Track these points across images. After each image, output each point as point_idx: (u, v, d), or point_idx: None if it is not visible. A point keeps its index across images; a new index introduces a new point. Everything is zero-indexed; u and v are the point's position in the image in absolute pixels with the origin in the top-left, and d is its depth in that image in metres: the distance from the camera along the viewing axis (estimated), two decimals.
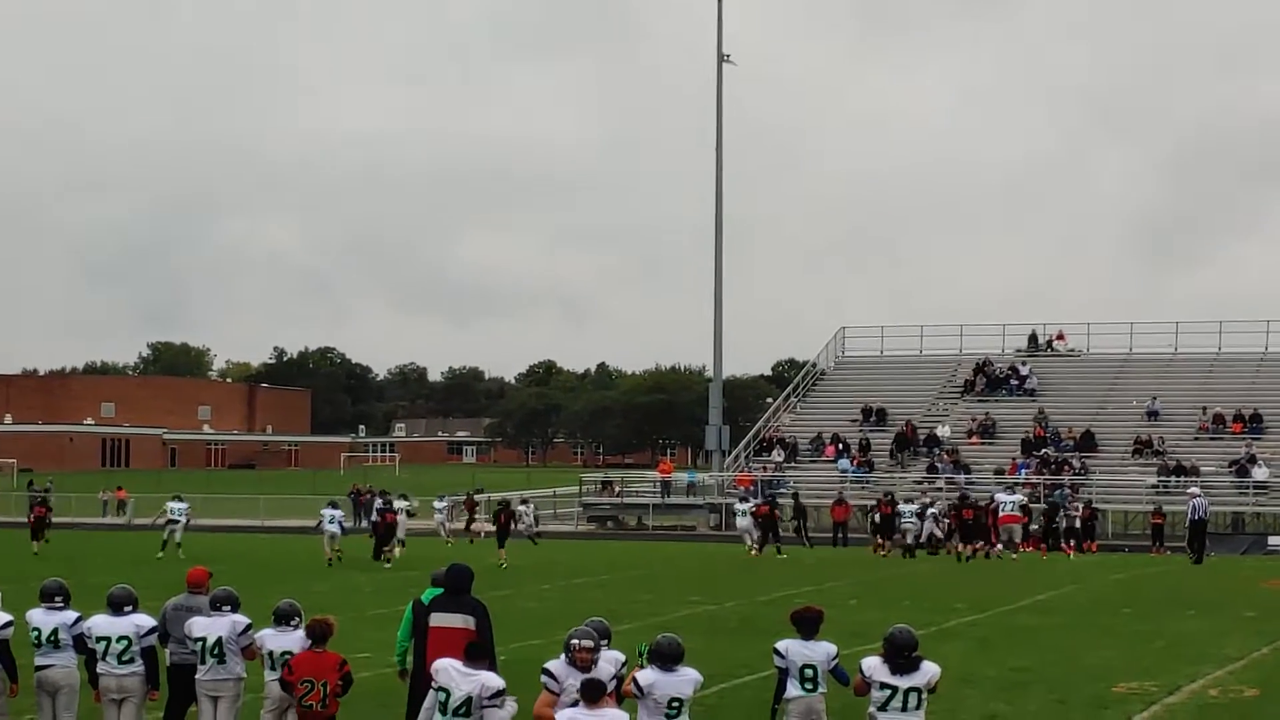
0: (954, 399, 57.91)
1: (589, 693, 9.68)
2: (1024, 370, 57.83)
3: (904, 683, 10.33)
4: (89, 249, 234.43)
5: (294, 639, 11.90)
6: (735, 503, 42.40)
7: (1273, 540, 44.05)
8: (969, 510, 38.23)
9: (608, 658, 10.74)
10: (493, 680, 10.13)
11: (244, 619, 12.27)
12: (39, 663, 12.21)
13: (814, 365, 62.97)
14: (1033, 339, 60.41)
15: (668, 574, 33.26)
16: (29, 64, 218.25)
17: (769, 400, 77.61)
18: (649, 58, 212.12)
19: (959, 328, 61.41)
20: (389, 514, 37.38)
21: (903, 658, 10.38)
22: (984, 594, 27.58)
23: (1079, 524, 41.60)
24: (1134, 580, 32.10)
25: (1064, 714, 15.23)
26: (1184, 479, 46.81)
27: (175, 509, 39.92)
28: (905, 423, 55.09)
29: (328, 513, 37.47)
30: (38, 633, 12.18)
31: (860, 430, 55.94)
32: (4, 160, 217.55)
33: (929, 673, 10.43)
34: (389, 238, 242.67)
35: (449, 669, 10.17)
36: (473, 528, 46.58)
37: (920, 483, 50.27)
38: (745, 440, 57.73)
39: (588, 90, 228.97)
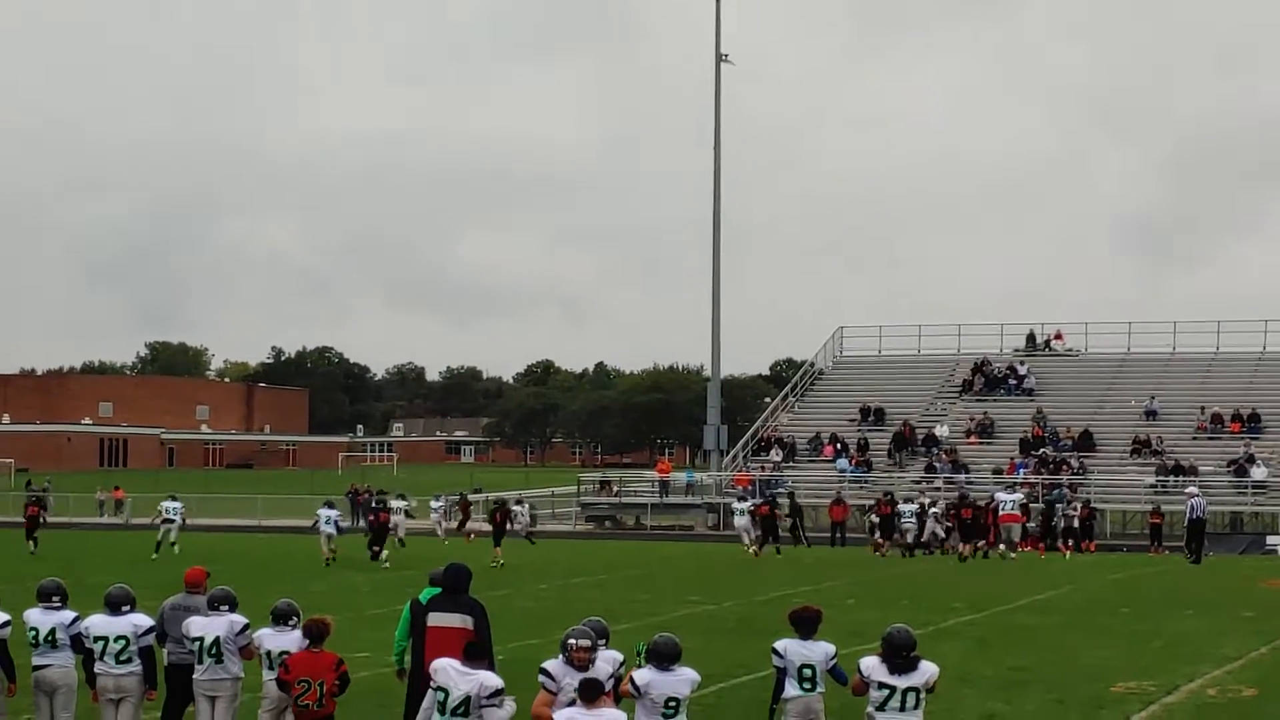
0: (952, 399, 57.91)
1: (587, 692, 9.68)
2: (1022, 370, 57.84)
3: (902, 682, 10.32)
4: (86, 248, 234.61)
5: (292, 639, 11.88)
6: (733, 502, 42.38)
7: (1271, 540, 44.07)
8: (968, 510, 38.26)
9: (605, 657, 10.74)
10: (491, 680, 10.12)
11: (241, 619, 12.26)
12: (36, 662, 12.20)
13: (812, 365, 62.99)
14: (1031, 339, 60.43)
15: (666, 574, 33.25)
16: (29, 64, 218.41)
17: (767, 400, 77.64)
18: (648, 58, 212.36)
19: (957, 327, 61.50)
20: (382, 513, 37.39)
21: (901, 657, 10.37)
22: (982, 594, 27.58)
23: (1077, 524, 41.66)
24: (1132, 580, 32.10)
25: (1062, 714, 15.22)
26: (1182, 479, 46.84)
27: (169, 508, 39.93)
28: (903, 422, 55.11)
29: (324, 512, 37.46)
30: (35, 632, 12.17)
31: (858, 430, 55.95)
32: (3, 160, 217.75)
33: (927, 672, 10.42)
34: (387, 237, 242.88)
35: (447, 669, 10.16)
36: (466, 527, 46.41)
37: (918, 482, 50.28)
38: (743, 440, 57.75)
39: (587, 90, 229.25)
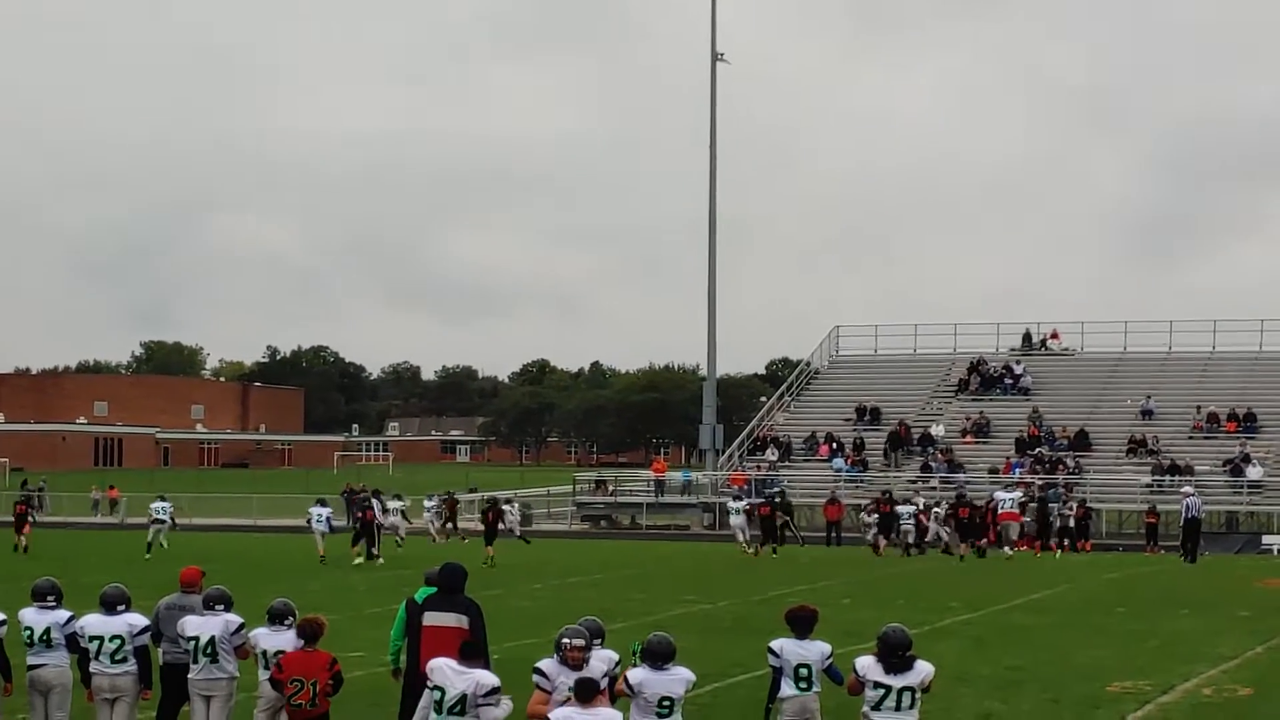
0: (948, 398, 57.90)
1: (582, 692, 9.67)
2: (1018, 369, 57.85)
3: (898, 682, 10.31)
4: (82, 248, 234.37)
5: (288, 638, 11.86)
6: (729, 501, 42.36)
7: (1267, 539, 44.11)
8: (965, 509, 38.26)
9: (601, 656, 10.72)
10: (487, 678, 10.12)
11: (237, 618, 12.24)
12: (31, 662, 12.18)
13: (808, 364, 62.98)
14: (1027, 338, 60.43)
15: (661, 573, 33.25)
16: (29, 64, 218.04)
17: (763, 399, 77.70)
18: (646, 58, 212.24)
19: (953, 326, 61.51)
20: (368, 511, 37.27)
21: (896, 657, 10.36)
22: (978, 593, 27.58)
23: (1073, 523, 41.66)
24: (1128, 579, 32.11)
25: (1058, 713, 15.22)
26: (1178, 478, 46.86)
27: (159, 509, 39.95)
28: (899, 422, 55.08)
29: (315, 511, 37.45)
30: (30, 632, 12.15)
31: (854, 429, 55.94)
32: (2, 159, 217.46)
33: (923, 672, 10.41)
34: (384, 237, 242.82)
35: (444, 668, 10.17)
36: (448, 526, 46.04)
37: (914, 482, 50.29)
38: (739, 439, 57.70)
39: (585, 90, 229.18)
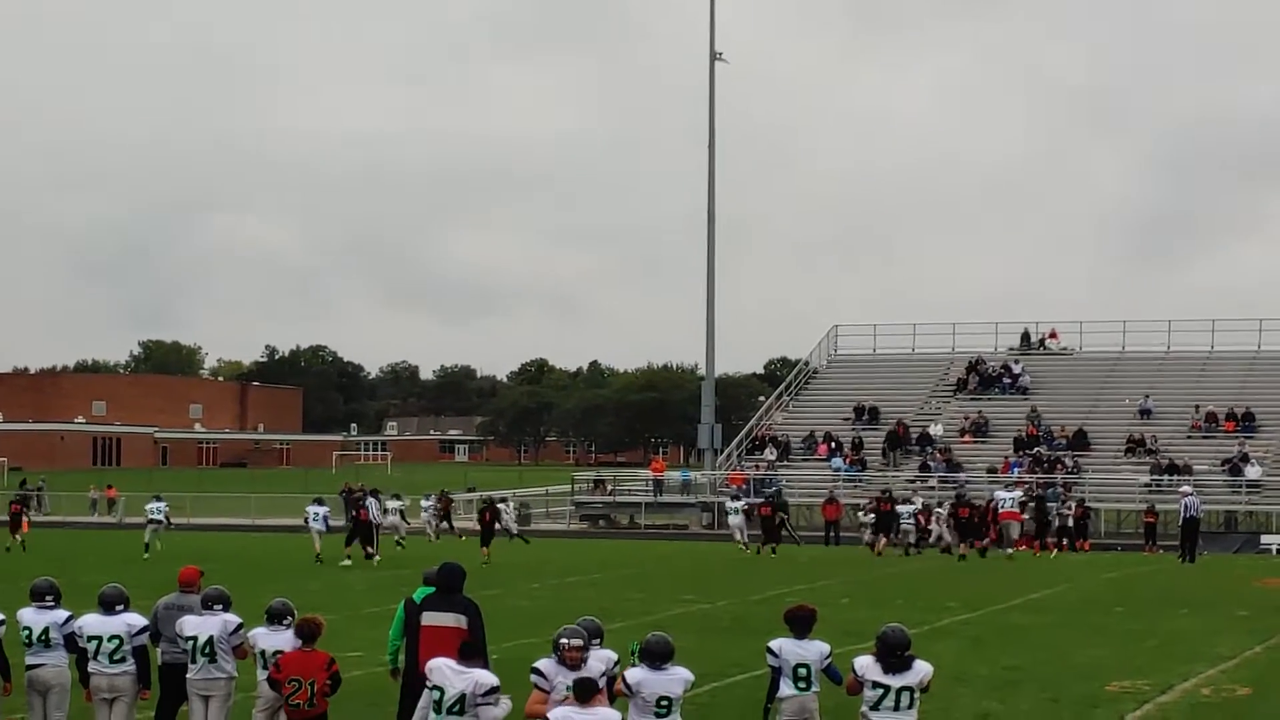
0: (947, 397, 57.91)
1: (581, 692, 9.68)
2: (1017, 369, 57.87)
3: (896, 682, 10.30)
4: (82, 248, 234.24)
5: (287, 638, 11.86)
6: (727, 501, 42.35)
7: (1265, 539, 44.14)
8: (966, 509, 38.25)
9: (599, 656, 10.71)
10: (486, 678, 10.13)
11: (235, 618, 12.24)
12: (30, 662, 12.18)
13: (806, 363, 62.99)
14: (1025, 337, 60.44)
15: (660, 573, 33.24)
16: (29, 64, 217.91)
17: (761, 398, 77.73)
18: (646, 57, 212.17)
19: (952, 326, 61.50)
20: (361, 510, 37.22)
21: (895, 657, 10.35)
22: (977, 593, 27.58)
23: (1071, 522, 41.65)
24: (1126, 579, 32.11)
25: (1056, 713, 15.22)
26: (1176, 478, 46.88)
27: (154, 509, 39.95)
28: (898, 421, 55.08)
29: (312, 509, 37.43)
30: (29, 632, 12.15)
31: (853, 429, 55.95)
32: (2, 159, 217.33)
33: (921, 672, 10.40)
34: (383, 237, 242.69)
35: (443, 668, 10.17)
36: (443, 525, 45.94)
37: (913, 481, 50.29)
38: (738, 439, 57.70)
39: (585, 90, 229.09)
